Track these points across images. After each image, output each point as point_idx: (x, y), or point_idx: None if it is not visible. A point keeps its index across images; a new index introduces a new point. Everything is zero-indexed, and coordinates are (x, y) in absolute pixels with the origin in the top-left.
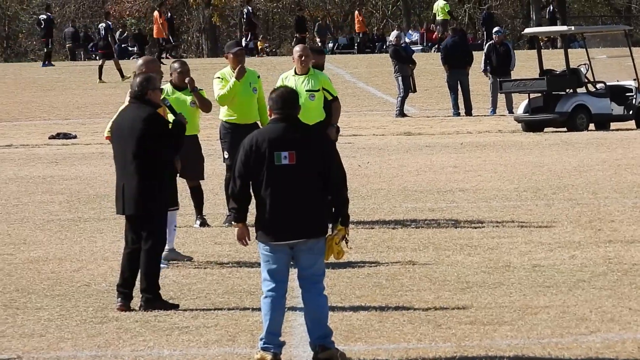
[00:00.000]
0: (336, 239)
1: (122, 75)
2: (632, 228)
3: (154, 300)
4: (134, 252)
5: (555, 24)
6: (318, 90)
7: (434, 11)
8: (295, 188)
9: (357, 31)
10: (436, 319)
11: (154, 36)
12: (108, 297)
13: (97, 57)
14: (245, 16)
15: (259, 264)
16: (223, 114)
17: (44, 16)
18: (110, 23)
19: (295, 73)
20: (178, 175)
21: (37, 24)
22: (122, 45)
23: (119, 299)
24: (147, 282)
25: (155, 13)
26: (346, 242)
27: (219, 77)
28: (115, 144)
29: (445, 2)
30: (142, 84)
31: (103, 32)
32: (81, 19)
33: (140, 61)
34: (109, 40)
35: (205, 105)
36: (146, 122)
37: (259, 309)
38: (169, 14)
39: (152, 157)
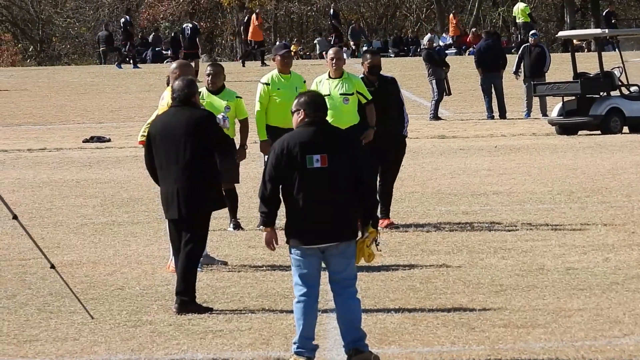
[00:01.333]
0: (367, 241)
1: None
2: None
3: (189, 303)
4: None
5: (614, 26)
6: (352, 94)
7: (514, 14)
8: (327, 191)
9: (451, 34)
10: (470, 321)
11: (249, 38)
12: (142, 300)
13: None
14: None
15: None
16: (267, 117)
17: (123, 19)
18: (129, 17)
19: (329, 76)
20: None
21: (120, 27)
22: (156, 49)
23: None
24: (184, 285)
25: (254, 15)
26: (377, 245)
27: (265, 84)
28: (166, 147)
29: (525, 4)
30: (187, 88)
31: (122, 27)
32: (115, 22)
33: (174, 65)
34: (126, 35)
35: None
36: (205, 122)
37: (293, 312)
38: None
39: (209, 159)
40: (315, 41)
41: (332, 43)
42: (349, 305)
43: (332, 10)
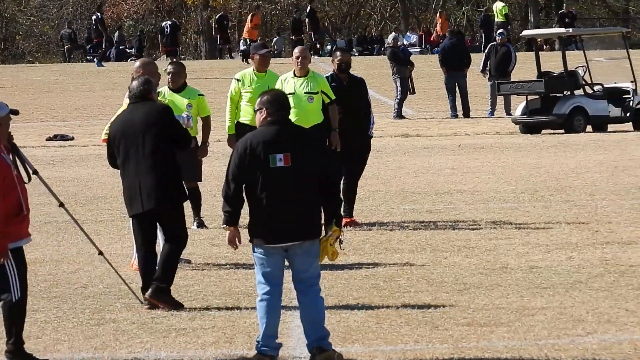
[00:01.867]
0: (330, 240)
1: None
2: (629, 229)
3: (165, 293)
4: (150, 253)
5: (570, 25)
6: (317, 93)
7: (493, 13)
8: (290, 190)
9: (438, 33)
10: (433, 320)
11: (243, 36)
12: (105, 299)
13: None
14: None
15: None
16: (239, 114)
17: (95, 16)
18: (100, 15)
19: (294, 75)
20: None
21: (89, 24)
22: (120, 47)
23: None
24: (164, 273)
25: (250, 15)
26: (340, 243)
27: (237, 79)
28: (126, 143)
29: (503, 4)
30: (143, 85)
31: (94, 23)
32: (78, 20)
33: (137, 63)
34: (99, 32)
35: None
36: (163, 114)
37: (256, 311)
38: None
39: (170, 151)
40: (273, 41)
41: (295, 42)
42: (313, 304)
43: (308, 8)
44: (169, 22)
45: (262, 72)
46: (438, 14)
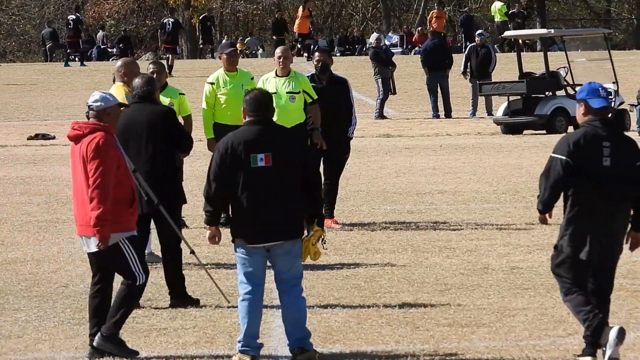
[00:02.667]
0: (312, 240)
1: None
2: None
3: (185, 296)
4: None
5: (521, 25)
6: (299, 93)
7: (492, 13)
8: (272, 190)
9: (434, 29)
10: (414, 320)
11: (294, 30)
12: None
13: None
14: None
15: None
16: (215, 114)
17: (73, 17)
18: (79, 15)
19: (276, 75)
20: None
21: (66, 24)
22: (102, 47)
23: None
24: (176, 279)
25: (300, 8)
26: (323, 243)
27: (211, 83)
28: (127, 142)
29: (502, 3)
30: (146, 85)
31: (72, 24)
32: (60, 19)
33: (119, 62)
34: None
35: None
36: (167, 117)
37: (238, 311)
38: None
39: (171, 154)
40: (245, 40)
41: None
42: (295, 304)
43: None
44: (171, 19)
45: (232, 71)
46: (435, 12)
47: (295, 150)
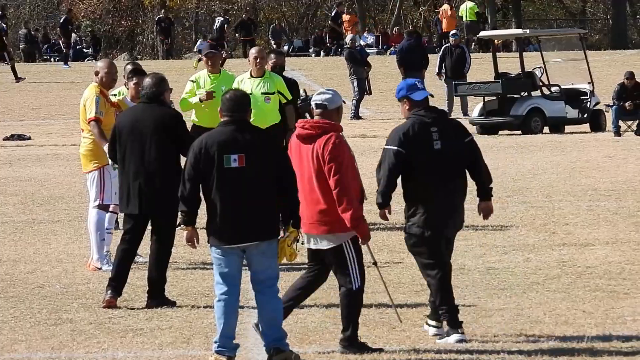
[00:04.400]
0: (288, 241)
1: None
2: (586, 231)
3: (162, 296)
4: (131, 250)
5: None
6: (273, 93)
7: (460, 14)
8: (245, 191)
9: (445, 30)
10: (390, 321)
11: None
12: (62, 299)
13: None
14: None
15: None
16: (193, 115)
17: (63, 18)
18: (68, 17)
19: (251, 75)
20: None
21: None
22: (77, 47)
23: (109, 292)
24: (159, 279)
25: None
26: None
27: (192, 81)
28: (132, 142)
29: (473, 3)
30: (156, 86)
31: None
32: (35, 20)
33: (100, 63)
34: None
35: None
36: (175, 121)
37: (214, 311)
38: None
39: (175, 157)
40: (198, 42)
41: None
42: (271, 305)
43: (334, 11)
44: (221, 19)
45: (215, 72)
46: (445, 7)
47: (269, 151)
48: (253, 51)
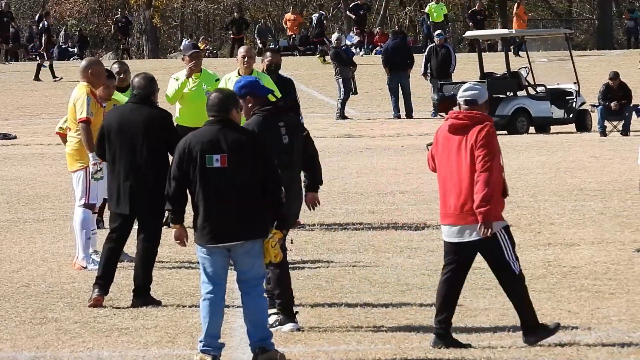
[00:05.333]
0: (272, 242)
1: (54, 76)
2: (571, 231)
3: (147, 296)
4: (118, 249)
5: (481, 24)
6: None
7: (427, 11)
8: (228, 191)
9: (515, 27)
10: (376, 321)
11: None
12: (47, 298)
13: (37, 57)
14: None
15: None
16: (177, 114)
17: (42, 24)
18: (47, 23)
19: (239, 74)
20: None
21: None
22: (63, 46)
23: (96, 290)
24: (145, 278)
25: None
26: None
27: (175, 78)
28: (120, 142)
29: (441, 1)
30: (146, 87)
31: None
32: (21, 19)
33: (84, 62)
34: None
35: None
36: (165, 122)
37: (199, 310)
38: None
39: (165, 158)
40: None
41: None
42: (256, 304)
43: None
44: (316, 14)
45: (196, 72)
46: (516, 6)
47: (252, 152)
48: (242, 50)
